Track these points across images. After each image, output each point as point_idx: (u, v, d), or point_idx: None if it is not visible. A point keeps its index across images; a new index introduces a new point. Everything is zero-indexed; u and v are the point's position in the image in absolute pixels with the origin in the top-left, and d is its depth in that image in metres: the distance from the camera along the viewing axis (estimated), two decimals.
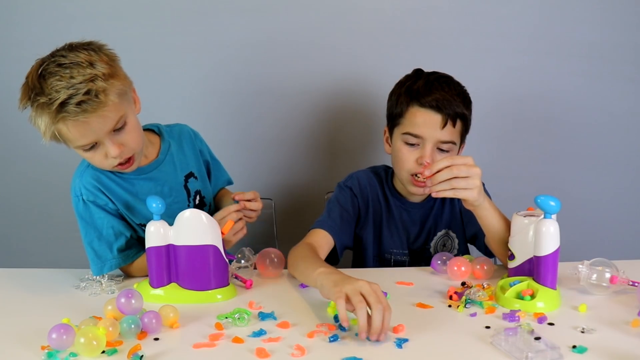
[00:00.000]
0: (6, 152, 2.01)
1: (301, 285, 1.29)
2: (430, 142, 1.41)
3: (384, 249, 1.56)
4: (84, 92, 1.19)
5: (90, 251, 1.37)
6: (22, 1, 1.89)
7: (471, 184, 1.20)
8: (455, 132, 1.43)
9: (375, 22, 1.90)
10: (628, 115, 2.01)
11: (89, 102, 1.19)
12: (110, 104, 1.22)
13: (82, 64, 1.21)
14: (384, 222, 1.55)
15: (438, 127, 1.40)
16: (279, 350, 1.00)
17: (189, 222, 1.22)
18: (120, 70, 1.30)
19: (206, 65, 1.93)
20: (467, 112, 1.46)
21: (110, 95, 1.22)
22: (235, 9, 1.89)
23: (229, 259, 1.30)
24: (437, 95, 1.40)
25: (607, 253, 1.27)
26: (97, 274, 1.37)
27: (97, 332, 1.01)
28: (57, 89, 1.19)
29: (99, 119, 1.22)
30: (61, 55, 1.23)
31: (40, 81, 1.22)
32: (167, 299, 1.22)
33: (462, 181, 1.20)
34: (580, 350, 0.96)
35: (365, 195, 1.54)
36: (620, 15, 1.93)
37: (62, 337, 1.00)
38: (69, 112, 1.19)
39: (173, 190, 1.45)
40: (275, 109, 1.97)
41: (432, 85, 1.42)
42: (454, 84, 1.46)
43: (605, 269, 1.19)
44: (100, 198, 1.36)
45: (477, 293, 1.17)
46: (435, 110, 1.40)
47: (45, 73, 1.21)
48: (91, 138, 1.25)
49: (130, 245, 1.40)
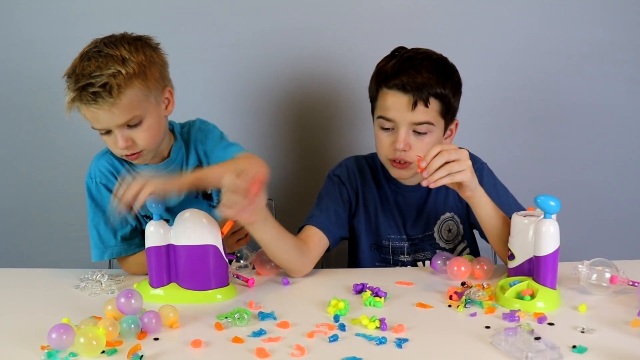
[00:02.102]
0: (6, 152, 2.01)
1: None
2: (403, 125, 1.37)
3: (380, 235, 1.52)
4: (101, 84, 1.24)
5: (94, 234, 1.41)
6: (23, 1, 1.90)
7: (464, 165, 1.21)
8: (431, 112, 1.37)
9: (375, 22, 1.90)
10: (628, 115, 2.01)
11: (101, 94, 1.25)
12: (121, 103, 1.27)
13: (115, 57, 1.27)
14: (379, 207, 1.52)
15: (408, 108, 1.35)
16: (279, 350, 1.00)
17: (188, 222, 1.22)
18: (155, 73, 1.34)
19: (206, 65, 1.94)
20: (444, 90, 1.38)
21: (124, 94, 1.27)
22: (235, 9, 1.89)
23: (229, 258, 1.30)
24: (404, 76, 1.36)
25: (607, 253, 1.27)
26: (98, 258, 1.40)
27: (97, 332, 1.01)
28: (84, 73, 1.25)
29: (107, 113, 1.27)
30: (106, 43, 1.29)
31: (81, 60, 1.28)
32: (167, 299, 1.22)
33: (456, 164, 1.20)
34: (580, 350, 0.96)
35: (354, 182, 1.52)
36: (620, 15, 1.93)
37: (62, 337, 1.00)
38: (82, 99, 1.26)
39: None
40: (275, 109, 1.97)
41: (402, 65, 1.38)
42: (431, 60, 1.40)
43: (605, 269, 1.19)
44: (112, 182, 1.40)
45: (477, 293, 1.17)
46: (402, 91, 1.36)
47: (87, 56, 1.28)
48: (102, 125, 1.30)
49: (134, 236, 1.43)
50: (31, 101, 1.93)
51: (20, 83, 1.75)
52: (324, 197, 1.49)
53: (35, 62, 1.77)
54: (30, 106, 1.94)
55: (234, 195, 1.11)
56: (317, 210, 1.45)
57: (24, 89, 1.93)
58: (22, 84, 1.91)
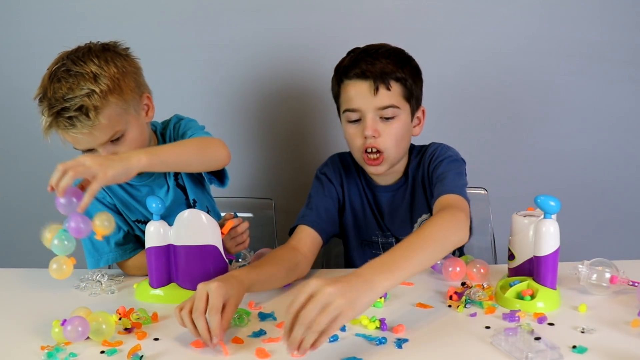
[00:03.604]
0: (6, 152, 2.01)
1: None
2: (370, 112, 1.37)
3: (369, 231, 1.52)
4: (77, 107, 1.21)
5: (87, 243, 1.39)
6: (23, 1, 1.90)
7: (344, 317, 0.90)
8: (394, 95, 1.37)
9: (375, 22, 1.90)
10: (628, 115, 2.01)
11: (78, 118, 1.21)
12: (100, 124, 1.23)
13: (86, 75, 1.22)
14: (365, 203, 1.51)
15: (370, 94, 1.35)
16: (279, 350, 1.00)
17: (188, 222, 1.22)
18: (130, 83, 1.29)
19: (205, 65, 1.94)
20: (403, 74, 1.37)
21: (102, 114, 1.23)
22: (235, 9, 1.89)
23: (228, 259, 1.30)
24: (362, 64, 1.36)
25: (607, 253, 1.27)
26: (93, 267, 1.38)
27: (109, 318, 1.04)
28: (57, 97, 1.21)
29: (86, 137, 1.24)
30: (73, 60, 1.24)
31: (50, 81, 1.24)
32: (167, 299, 1.22)
33: (323, 316, 0.88)
34: (580, 351, 0.96)
35: (340, 179, 1.51)
36: (620, 15, 1.93)
37: (77, 329, 1.01)
38: (59, 125, 1.22)
39: (171, 190, 1.45)
40: (275, 109, 1.97)
41: (359, 56, 1.39)
42: (386, 49, 1.40)
43: (605, 269, 1.19)
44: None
45: (477, 293, 1.17)
46: (362, 78, 1.36)
47: (55, 77, 1.24)
48: (84, 146, 1.27)
49: (128, 241, 1.41)
50: (31, 101, 1.93)
51: (20, 83, 1.73)
52: (313, 196, 1.49)
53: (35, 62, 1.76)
54: (30, 106, 1.93)
55: None
56: (307, 210, 1.45)
57: (24, 89, 1.93)
58: (22, 84, 1.91)
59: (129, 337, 1.07)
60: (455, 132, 1.99)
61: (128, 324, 1.09)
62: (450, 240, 1.11)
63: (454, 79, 1.95)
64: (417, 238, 1.07)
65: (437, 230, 1.10)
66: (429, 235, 1.08)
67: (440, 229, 1.11)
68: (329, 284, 0.90)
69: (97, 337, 1.03)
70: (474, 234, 1.47)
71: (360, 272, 0.96)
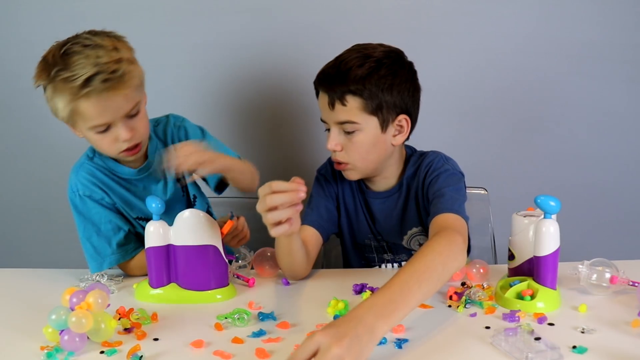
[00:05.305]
0: (6, 152, 2.01)
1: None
2: (332, 125, 1.34)
3: (362, 233, 1.52)
4: (111, 71, 1.21)
5: (88, 247, 1.38)
6: (23, 1, 1.90)
7: None
8: (351, 110, 1.30)
9: (375, 22, 1.90)
10: (628, 115, 2.01)
11: (115, 80, 1.21)
12: (133, 86, 1.26)
13: (108, 47, 1.24)
14: (352, 208, 1.51)
15: (330, 108, 1.32)
16: (279, 351, 1.00)
17: (188, 222, 1.22)
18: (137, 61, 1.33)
19: (205, 65, 1.94)
20: (362, 86, 1.29)
21: (133, 79, 1.26)
22: (235, 9, 1.89)
23: (228, 259, 1.30)
24: (325, 75, 1.33)
25: (607, 253, 1.27)
26: (96, 270, 1.38)
27: (108, 318, 1.03)
28: (83, 66, 1.20)
29: (121, 98, 1.24)
30: (85, 38, 1.25)
31: (64, 58, 1.21)
32: (167, 299, 1.22)
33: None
34: (580, 351, 0.96)
35: (336, 179, 1.51)
36: (619, 15, 1.93)
37: (74, 340, 1.00)
38: (94, 88, 1.20)
39: (169, 186, 1.45)
40: (275, 109, 1.97)
41: (329, 64, 1.34)
42: (358, 57, 1.31)
43: (605, 269, 1.19)
44: (96, 192, 1.38)
45: (477, 293, 1.17)
46: (324, 90, 1.33)
47: (70, 52, 1.22)
48: (107, 118, 1.25)
49: (129, 241, 1.40)
50: (31, 101, 1.93)
51: (20, 83, 1.73)
52: (313, 196, 1.49)
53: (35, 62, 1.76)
54: (30, 106, 1.94)
55: (281, 197, 1.11)
56: (308, 209, 1.46)
57: (24, 89, 1.93)
58: (22, 84, 1.91)
59: (128, 337, 1.07)
60: (455, 132, 1.99)
61: (128, 324, 1.09)
62: (448, 269, 1.08)
63: (453, 79, 1.95)
64: (415, 271, 1.02)
65: (434, 259, 1.06)
66: (426, 266, 1.04)
67: (438, 256, 1.07)
68: (335, 343, 0.84)
69: (97, 337, 1.03)
70: (473, 234, 1.47)
71: (363, 315, 0.92)
